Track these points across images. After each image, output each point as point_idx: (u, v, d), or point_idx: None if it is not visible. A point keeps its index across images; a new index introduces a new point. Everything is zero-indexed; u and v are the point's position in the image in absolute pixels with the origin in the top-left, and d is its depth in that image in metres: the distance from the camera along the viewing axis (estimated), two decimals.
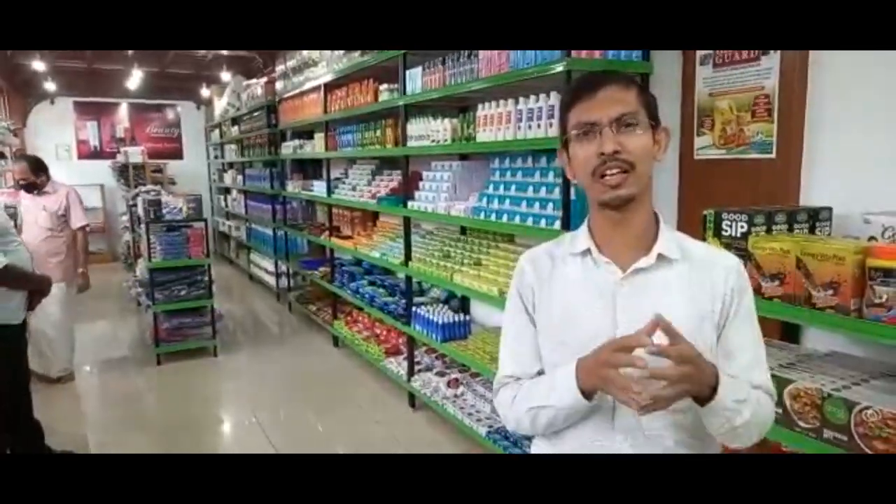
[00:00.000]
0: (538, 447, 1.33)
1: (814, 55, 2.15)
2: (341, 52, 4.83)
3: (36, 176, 4.52)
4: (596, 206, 1.20)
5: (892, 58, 1.89)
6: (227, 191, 10.20)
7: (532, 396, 1.21)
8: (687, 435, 1.16)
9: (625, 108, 1.12)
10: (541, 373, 1.27)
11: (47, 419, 3.37)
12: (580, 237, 1.24)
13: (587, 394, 1.11)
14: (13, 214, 4.32)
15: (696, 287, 1.16)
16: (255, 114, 7.76)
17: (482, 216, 3.22)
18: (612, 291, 1.17)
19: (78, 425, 4.10)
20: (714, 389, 1.06)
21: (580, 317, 1.19)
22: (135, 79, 9.09)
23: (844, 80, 2.07)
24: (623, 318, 1.15)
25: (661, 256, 1.17)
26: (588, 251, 1.22)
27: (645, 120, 1.14)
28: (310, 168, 7.11)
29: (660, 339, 1.03)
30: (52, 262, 4.47)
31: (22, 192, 4.58)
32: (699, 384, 1.05)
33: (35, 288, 3.08)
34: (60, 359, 4.75)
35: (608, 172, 1.12)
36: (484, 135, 3.13)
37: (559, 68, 2.51)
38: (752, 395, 1.13)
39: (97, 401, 4.55)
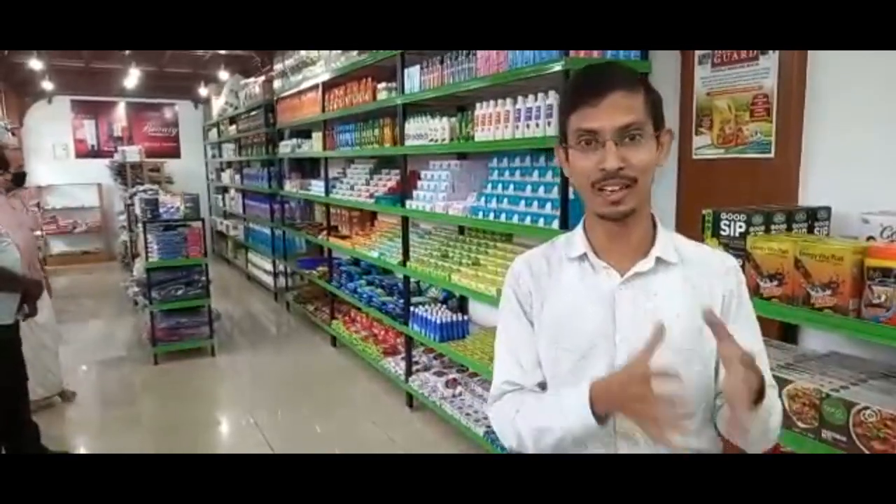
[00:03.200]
0: None
1: (812, 54, 2.14)
2: (339, 51, 4.82)
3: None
4: (593, 214, 1.17)
5: (891, 57, 1.89)
6: (224, 190, 10.19)
7: (537, 416, 1.15)
8: (692, 438, 1.13)
9: (631, 117, 1.06)
10: (543, 383, 1.22)
11: (43, 419, 3.36)
12: (576, 241, 1.21)
13: (601, 417, 1.05)
14: None
15: (695, 290, 1.14)
16: (253, 113, 7.75)
17: (480, 215, 3.21)
18: (610, 296, 1.15)
19: (74, 425, 4.09)
20: (761, 392, 0.99)
21: (579, 322, 1.16)
22: (132, 78, 9.05)
23: (843, 80, 2.06)
24: (623, 322, 1.13)
25: (659, 260, 1.15)
26: (585, 256, 1.19)
27: (650, 130, 1.09)
28: (308, 167, 7.11)
29: (659, 349, 0.99)
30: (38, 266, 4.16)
31: None
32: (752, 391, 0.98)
33: (24, 291, 2.98)
34: (61, 371, 4.37)
35: (608, 188, 1.08)
36: (482, 134, 3.12)
37: (557, 67, 2.51)
38: (773, 394, 1.11)
39: (93, 401, 4.53)
